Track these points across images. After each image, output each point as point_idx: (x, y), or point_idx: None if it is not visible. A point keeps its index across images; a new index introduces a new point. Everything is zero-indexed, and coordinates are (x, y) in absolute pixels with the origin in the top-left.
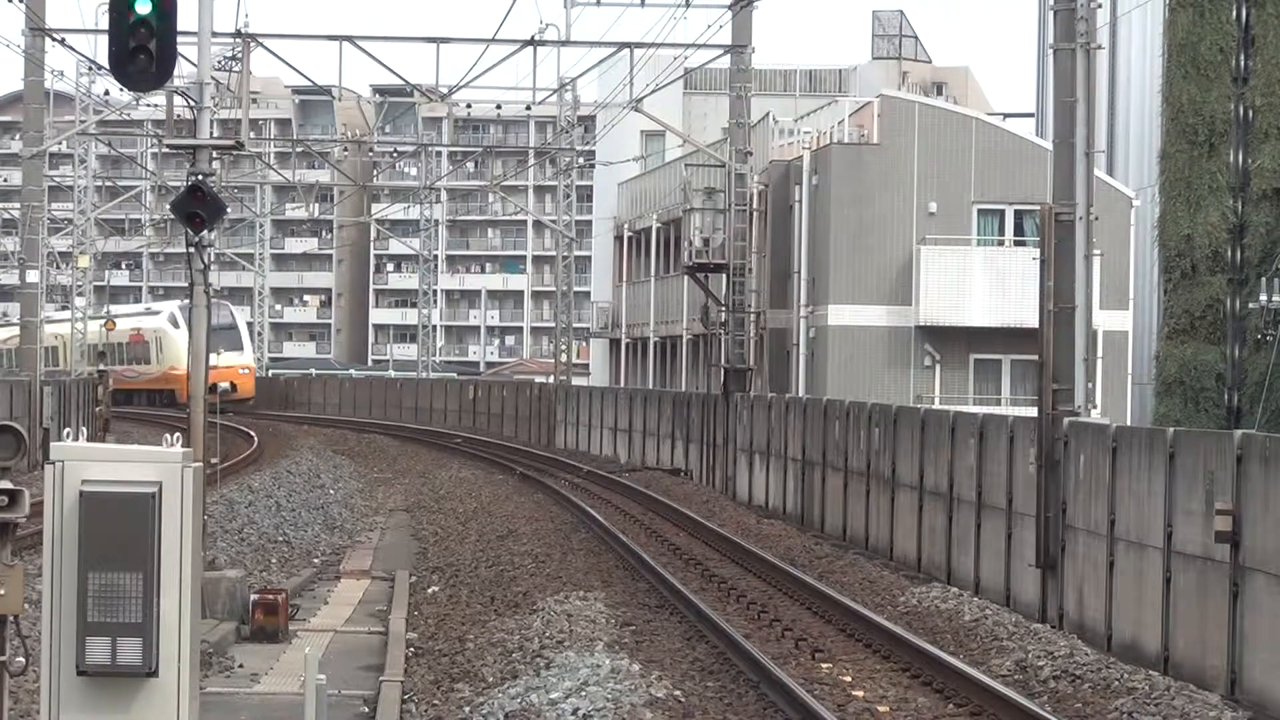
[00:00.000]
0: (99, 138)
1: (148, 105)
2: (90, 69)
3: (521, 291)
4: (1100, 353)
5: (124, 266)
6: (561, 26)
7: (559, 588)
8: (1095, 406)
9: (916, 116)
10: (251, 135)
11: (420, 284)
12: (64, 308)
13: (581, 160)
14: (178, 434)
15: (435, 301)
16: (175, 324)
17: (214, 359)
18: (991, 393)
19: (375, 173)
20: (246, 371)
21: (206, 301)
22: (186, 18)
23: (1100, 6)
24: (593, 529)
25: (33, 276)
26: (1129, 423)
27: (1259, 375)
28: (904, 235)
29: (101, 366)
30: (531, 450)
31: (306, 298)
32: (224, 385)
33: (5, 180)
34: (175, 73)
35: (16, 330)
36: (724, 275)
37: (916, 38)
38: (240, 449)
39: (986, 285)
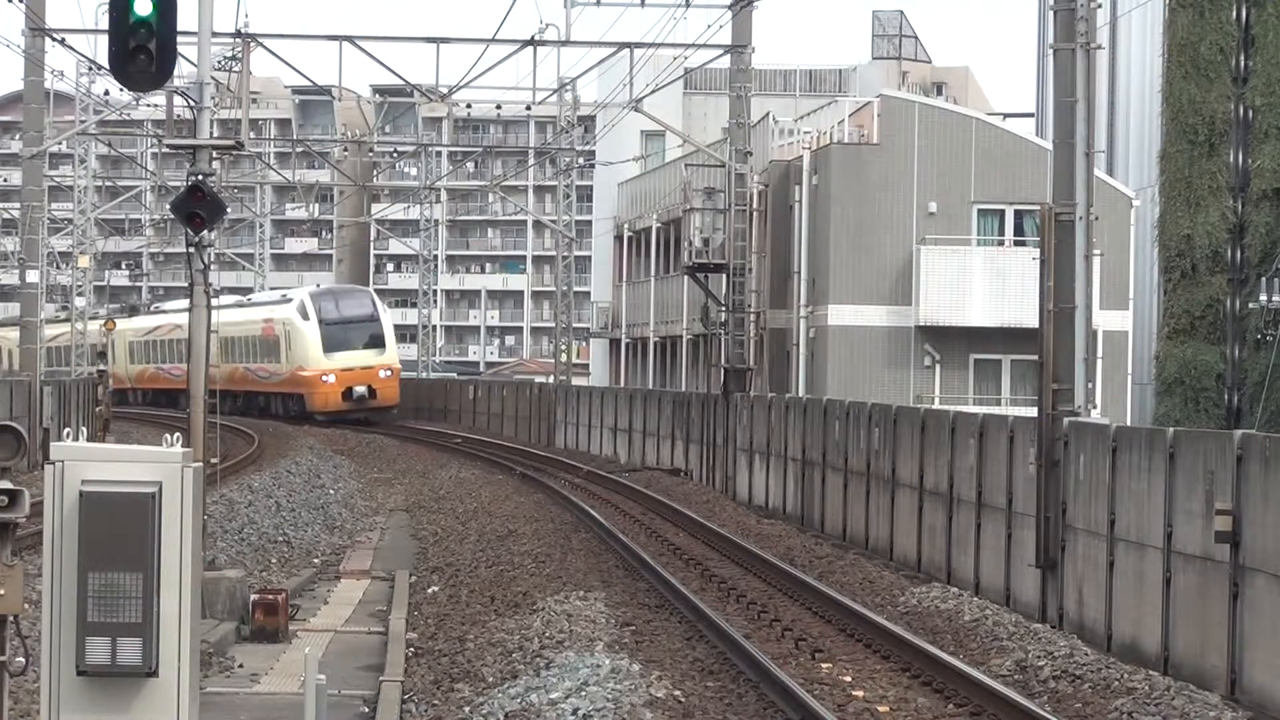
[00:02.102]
0: (99, 138)
1: (148, 105)
2: (90, 69)
3: (521, 291)
4: (1100, 353)
5: (124, 266)
6: (561, 26)
7: (559, 588)
8: (1095, 406)
9: (916, 116)
10: (251, 135)
11: (420, 284)
12: (220, 294)
13: (581, 160)
14: (178, 434)
15: (435, 301)
16: (305, 315)
17: (348, 357)
18: (991, 393)
19: (375, 173)
20: (389, 374)
21: (207, 302)
22: (186, 18)
23: (1100, 6)
24: (593, 529)
25: (33, 276)
26: (1129, 423)
27: (1259, 375)
28: (904, 235)
29: (101, 366)
30: (531, 450)
31: None
32: (360, 390)
33: (5, 180)
34: (175, 73)
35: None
36: (724, 275)
37: (916, 38)
38: (240, 449)
39: (986, 285)
